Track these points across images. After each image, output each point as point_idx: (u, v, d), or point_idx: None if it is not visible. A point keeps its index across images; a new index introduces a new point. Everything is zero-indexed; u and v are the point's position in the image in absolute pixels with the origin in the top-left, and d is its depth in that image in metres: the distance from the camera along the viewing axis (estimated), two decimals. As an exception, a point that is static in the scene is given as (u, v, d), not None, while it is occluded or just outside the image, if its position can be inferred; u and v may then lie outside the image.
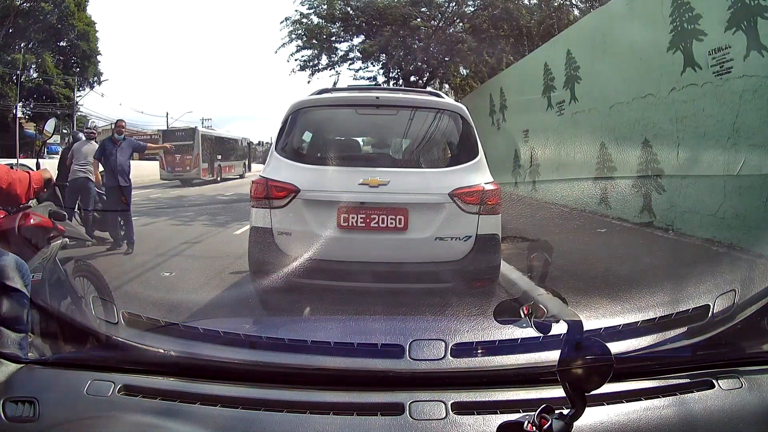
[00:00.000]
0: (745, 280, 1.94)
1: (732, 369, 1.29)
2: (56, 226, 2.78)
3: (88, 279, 3.03)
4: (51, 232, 2.73)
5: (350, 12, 17.04)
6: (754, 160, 5.03)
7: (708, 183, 5.65)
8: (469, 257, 3.33)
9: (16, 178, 2.30)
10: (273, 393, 1.23)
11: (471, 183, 3.38)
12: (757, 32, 4.94)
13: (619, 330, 1.43)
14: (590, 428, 1.09)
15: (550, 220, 8.20)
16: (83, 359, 1.40)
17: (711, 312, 1.39)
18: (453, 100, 4.98)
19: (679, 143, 6.22)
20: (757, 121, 5.01)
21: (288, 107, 3.73)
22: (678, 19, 6.10)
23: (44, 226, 2.68)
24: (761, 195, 4.94)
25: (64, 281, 2.73)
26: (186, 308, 3.85)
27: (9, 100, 26.96)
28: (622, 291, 3.43)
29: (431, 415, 1.15)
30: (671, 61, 6.24)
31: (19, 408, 1.18)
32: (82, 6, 29.97)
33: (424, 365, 1.31)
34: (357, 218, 3.31)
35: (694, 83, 5.90)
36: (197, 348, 1.41)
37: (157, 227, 8.97)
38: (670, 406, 1.18)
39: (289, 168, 3.47)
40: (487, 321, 1.64)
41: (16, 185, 2.29)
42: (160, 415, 1.17)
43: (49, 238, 2.72)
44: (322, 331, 1.94)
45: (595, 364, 0.95)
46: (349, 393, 1.23)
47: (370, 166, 3.66)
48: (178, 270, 5.61)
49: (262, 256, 3.40)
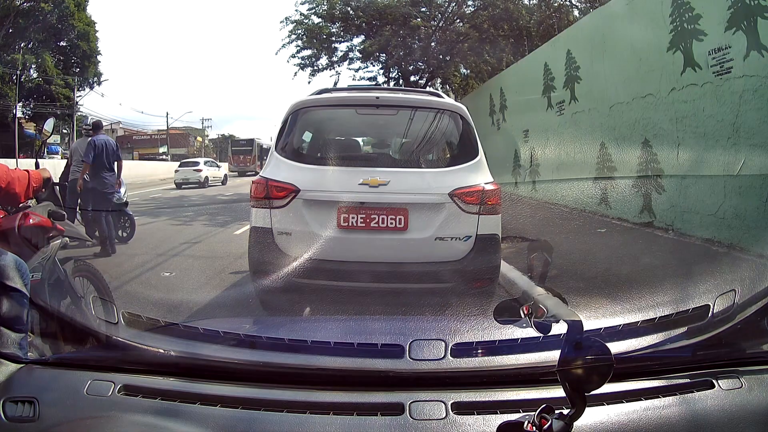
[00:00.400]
0: (745, 280, 1.95)
1: (732, 369, 1.28)
2: (55, 226, 2.77)
3: (88, 279, 3.02)
4: (50, 231, 2.73)
5: (350, 12, 17.02)
6: (754, 160, 5.03)
7: (708, 183, 5.65)
8: (469, 257, 3.33)
9: (15, 177, 2.29)
10: (273, 393, 1.23)
11: (471, 183, 3.38)
12: (757, 32, 4.94)
13: (619, 330, 1.42)
14: (590, 428, 1.08)
15: (550, 220, 8.20)
16: (83, 359, 1.40)
17: (711, 312, 1.39)
18: (453, 100, 4.98)
19: (679, 143, 6.22)
20: (757, 121, 5.01)
21: (288, 107, 3.73)
22: (678, 19, 6.10)
23: (43, 225, 2.67)
24: (761, 195, 4.94)
25: (63, 281, 2.72)
26: (186, 308, 3.85)
27: (9, 100, 26.96)
28: (622, 291, 3.43)
29: (431, 415, 1.14)
30: (671, 61, 6.24)
31: (19, 408, 1.18)
32: (82, 6, 29.97)
33: (424, 365, 1.31)
34: (357, 218, 3.31)
35: (694, 83, 5.90)
36: (197, 348, 1.41)
37: (157, 227, 8.97)
38: (670, 406, 1.18)
39: (289, 168, 3.47)
40: (487, 321, 1.64)
41: (15, 184, 2.29)
42: (160, 415, 1.17)
43: (48, 237, 2.71)
44: (322, 331, 1.94)
45: (595, 364, 0.94)
46: (349, 393, 1.23)
47: (370, 166, 3.66)
48: (178, 270, 5.61)
49: (262, 256, 3.40)
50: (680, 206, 6.22)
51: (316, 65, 17.86)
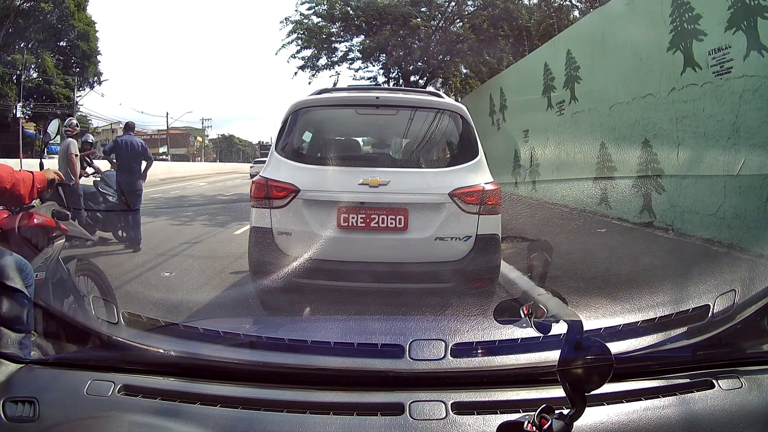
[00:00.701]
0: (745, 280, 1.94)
1: (732, 369, 1.28)
2: (59, 226, 2.79)
3: (91, 278, 3.04)
4: (54, 231, 2.74)
5: (350, 12, 17.01)
6: (754, 160, 5.03)
7: (708, 183, 5.65)
8: (469, 257, 3.33)
9: (20, 178, 2.31)
10: (273, 393, 1.23)
11: (471, 183, 3.38)
12: (757, 32, 4.94)
13: (619, 330, 1.42)
14: (590, 428, 1.08)
15: (550, 220, 8.19)
16: (83, 359, 1.40)
17: (711, 312, 1.39)
18: (453, 100, 4.98)
19: (679, 143, 6.22)
20: (757, 121, 5.01)
21: (288, 107, 3.73)
22: (678, 19, 6.10)
23: (47, 225, 2.69)
24: (761, 195, 4.94)
25: (66, 280, 2.73)
26: (186, 308, 3.85)
27: (9, 100, 26.96)
28: (622, 291, 3.43)
29: (431, 415, 1.14)
30: (671, 61, 6.24)
31: (19, 408, 1.18)
32: (82, 6, 30.01)
33: (424, 365, 1.30)
34: (357, 218, 3.31)
35: (694, 83, 5.90)
36: (197, 348, 1.41)
37: (157, 227, 8.96)
38: (670, 406, 1.18)
39: (289, 168, 3.47)
40: (487, 321, 1.64)
41: (20, 186, 2.30)
42: (160, 415, 1.17)
43: (52, 237, 2.73)
44: (322, 331, 1.94)
45: (595, 364, 0.94)
46: (349, 393, 1.22)
47: (370, 166, 3.66)
48: (178, 270, 5.61)
49: (262, 256, 3.40)
50: (680, 206, 6.22)
51: (317, 66, 17.87)
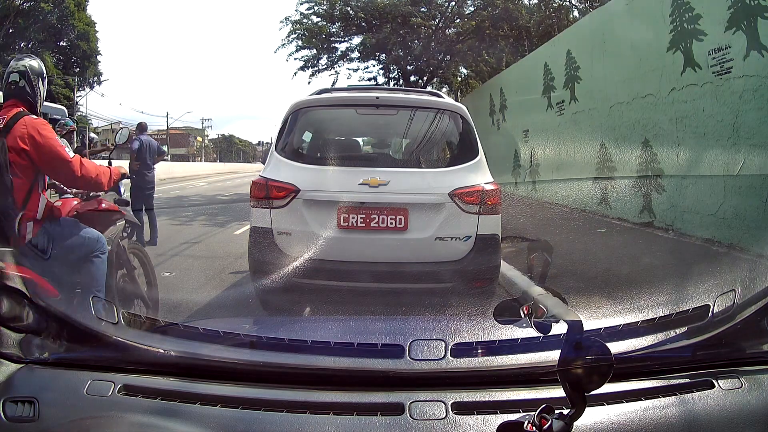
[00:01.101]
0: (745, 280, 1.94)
1: (732, 369, 1.28)
2: (120, 211, 3.35)
3: (137, 257, 3.58)
4: (116, 215, 3.31)
5: (350, 12, 17.01)
6: (754, 160, 5.03)
7: (708, 183, 5.65)
8: (469, 257, 3.33)
9: (102, 171, 2.88)
10: (273, 393, 1.22)
11: (471, 183, 3.38)
12: (757, 32, 4.94)
13: (619, 330, 1.42)
14: (590, 428, 1.08)
15: (550, 220, 8.19)
16: (83, 359, 1.40)
17: (711, 312, 1.38)
18: (453, 100, 4.98)
19: (679, 143, 6.22)
20: (757, 121, 5.01)
21: (288, 107, 3.73)
22: (678, 19, 6.10)
23: (113, 210, 3.28)
24: (761, 195, 4.94)
25: (121, 255, 3.29)
26: (186, 308, 3.85)
27: (9, 100, 26.92)
28: (622, 291, 3.43)
29: (431, 415, 1.14)
30: (671, 61, 6.24)
31: (19, 408, 1.18)
32: (82, 6, 30.01)
33: (424, 365, 1.30)
34: (357, 218, 3.31)
35: (694, 83, 5.90)
36: (197, 348, 1.41)
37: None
38: (670, 406, 1.18)
39: (289, 168, 3.47)
40: (487, 321, 1.64)
41: (102, 176, 2.86)
42: (160, 415, 1.17)
43: (113, 220, 3.30)
44: (322, 331, 1.94)
45: (595, 364, 0.94)
46: (349, 393, 1.22)
47: (370, 166, 3.67)
48: (178, 270, 5.61)
49: (262, 256, 3.40)
50: (680, 206, 6.22)
51: (317, 66, 17.87)
